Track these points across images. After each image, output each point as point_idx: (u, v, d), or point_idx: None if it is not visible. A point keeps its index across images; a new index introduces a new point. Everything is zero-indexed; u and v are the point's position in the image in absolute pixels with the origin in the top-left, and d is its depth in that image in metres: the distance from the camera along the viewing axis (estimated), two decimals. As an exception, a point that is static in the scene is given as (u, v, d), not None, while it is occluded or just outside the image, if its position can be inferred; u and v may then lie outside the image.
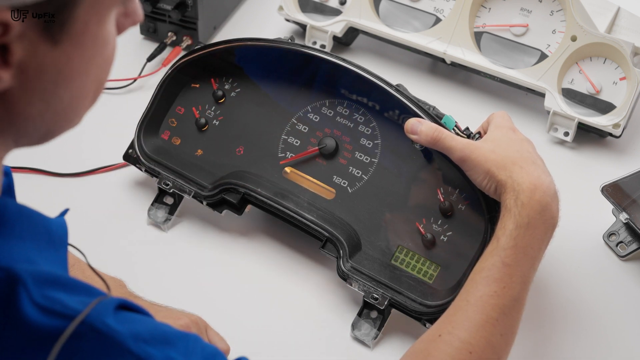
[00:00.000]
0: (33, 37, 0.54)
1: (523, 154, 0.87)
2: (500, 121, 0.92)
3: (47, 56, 0.56)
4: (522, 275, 0.81)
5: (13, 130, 0.60)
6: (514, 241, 0.82)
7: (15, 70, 0.55)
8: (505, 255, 0.81)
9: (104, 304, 0.58)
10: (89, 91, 0.61)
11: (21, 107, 0.58)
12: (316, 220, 0.97)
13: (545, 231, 0.83)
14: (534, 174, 0.85)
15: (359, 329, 0.93)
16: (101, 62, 0.61)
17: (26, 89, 0.57)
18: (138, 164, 1.06)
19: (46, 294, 0.57)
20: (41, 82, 0.57)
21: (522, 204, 0.83)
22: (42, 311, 0.56)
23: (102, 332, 0.57)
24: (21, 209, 0.61)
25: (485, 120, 0.95)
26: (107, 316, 0.57)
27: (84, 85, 0.60)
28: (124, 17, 0.63)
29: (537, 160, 0.88)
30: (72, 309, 0.57)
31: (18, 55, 0.54)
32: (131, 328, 0.58)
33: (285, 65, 1.05)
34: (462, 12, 1.20)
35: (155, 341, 0.59)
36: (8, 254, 0.58)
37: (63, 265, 0.64)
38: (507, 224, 0.83)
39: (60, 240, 0.64)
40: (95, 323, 0.57)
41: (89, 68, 0.60)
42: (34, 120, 0.59)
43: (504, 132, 0.90)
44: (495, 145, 0.88)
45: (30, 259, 0.59)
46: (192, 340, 0.63)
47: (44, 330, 0.56)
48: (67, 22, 0.55)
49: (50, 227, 0.63)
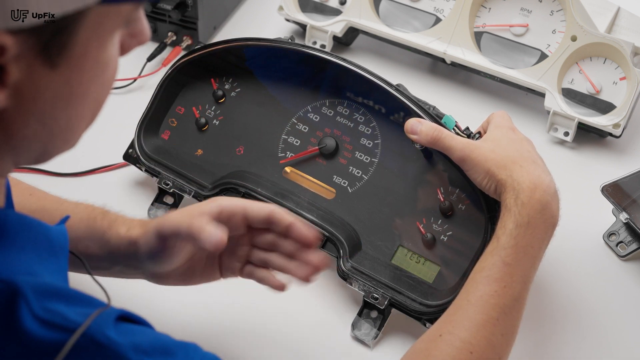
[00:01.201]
0: (30, 59, 0.54)
1: (523, 153, 0.87)
2: (500, 121, 0.92)
3: (44, 78, 0.55)
4: (523, 274, 0.81)
5: (10, 149, 0.59)
6: (514, 240, 0.82)
7: (11, 91, 0.54)
8: (506, 255, 0.81)
9: (105, 316, 0.58)
10: (87, 112, 0.60)
11: (16, 127, 0.57)
12: (316, 220, 0.97)
13: (545, 230, 0.83)
14: (534, 173, 0.85)
15: (359, 328, 0.93)
16: (100, 85, 0.60)
17: (22, 110, 0.56)
18: (138, 164, 1.06)
19: (46, 306, 0.56)
20: (37, 104, 0.56)
21: (522, 203, 0.83)
22: (43, 324, 0.56)
23: (103, 344, 0.57)
24: (22, 219, 0.61)
25: (485, 120, 0.95)
26: (108, 328, 0.57)
27: (82, 107, 0.59)
28: (129, 38, 0.62)
29: (537, 159, 0.88)
30: (72, 322, 0.56)
31: (14, 77, 0.54)
32: (131, 340, 0.58)
33: (285, 65, 1.05)
34: (462, 12, 1.20)
35: (156, 352, 0.59)
36: (9, 265, 0.58)
37: (64, 274, 0.64)
38: (507, 223, 0.83)
39: (61, 249, 0.64)
40: (95, 335, 0.57)
41: (88, 90, 0.59)
42: (30, 141, 0.59)
43: (504, 132, 0.90)
44: (495, 144, 0.88)
45: (31, 270, 0.59)
46: (191, 350, 0.63)
47: (44, 343, 0.56)
48: (66, 45, 0.55)
49: (51, 235, 0.63)
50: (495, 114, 0.94)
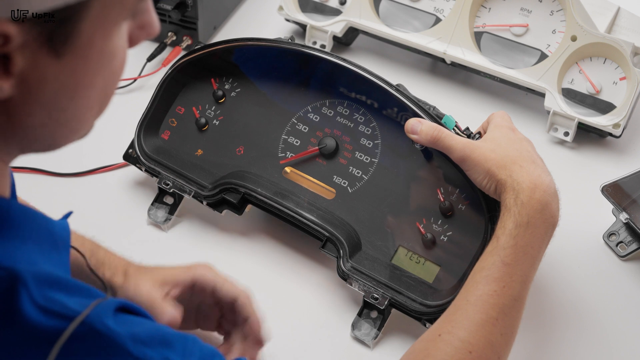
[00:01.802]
0: (35, 48, 0.54)
1: (523, 153, 0.87)
2: (500, 121, 0.92)
3: (49, 68, 0.56)
4: (522, 274, 0.81)
5: (17, 138, 0.59)
6: (514, 240, 0.82)
7: (16, 80, 0.55)
8: (505, 255, 0.81)
9: (104, 306, 0.58)
10: (94, 102, 0.61)
11: (22, 116, 0.58)
12: (316, 220, 0.97)
13: (545, 230, 0.83)
14: (534, 173, 0.85)
15: (359, 328, 0.93)
16: (108, 75, 0.60)
17: (27, 99, 0.56)
18: (138, 164, 1.06)
19: (47, 295, 0.57)
20: (43, 93, 0.57)
21: (522, 203, 0.83)
22: (42, 311, 0.56)
23: (101, 333, 0.57)
24: (25, 211, 0.61)
25: (485, 120, 0.95)
26: (107, 317, 0.58)
27: (89, 97, 0.60)
28: (138, 30, 0.62)
29: (537, 159, 0.88)
30: (72, 310, 0.57)
31: (19, 66, 0.54)
32: (130, 330, 0.58)
33: (285, 65, 1.05)
34: (462, 12, 1.20)
35: (154, 343, 0.60)
36: (11, 254, 0.58)
37: (65, 268, 0.64)
38: (507, 223, 0.83)
39: (63, 243, 0.64)
40: (95, 324, 0.57)
41: (94, 80, 0.59)
42: (36, 130, 0.59)
43: (504, 132, 0.90)
44: (495, 144, 0.88)
45: (32, 260, 0.59)
46: (190, 341, 0.63)
47: (43, 330, 0.56)
48: (71, 35, 0.55)
49: (54, 229, 0.63)
50: (495, 114, 0.94)
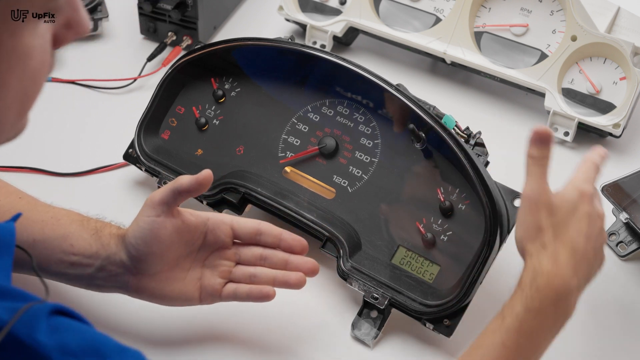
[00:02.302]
0: None
1: (574, 236, 0.77)
2: (584, 187, 0.79)
3: None
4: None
5: None
6: (519, 324, 0.74)
7: None
8: (507, 338, 0.74)
9: (36, 311, 0.55)
10: (12, 103, 0.58)
11: None
12: (316, 220, 0.97)
13: (555, 321, 0.76)
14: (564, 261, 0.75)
15: (359, 328, 0.93)
16: (23, 75, 0.57)
17: None
18: (138, 164, 1.06)
19: None
20: None
21: (537, 288, 0.75)
22: None
23: (25, 344, 0.55)
24: None
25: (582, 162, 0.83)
26: (37, 325, 0.55)
27: (5, 97, 0.57)
28: (64, 29, 0.59)
29: (588, 251, 0.77)
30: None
31: None
32: (60, 340, 0.56)
33: (285, 64, 1.05)
34: (462, 12, 1.20)
35: (85, 354, 0.57)
36: None
37: (6, 272, 0.61)
38: (516, 305, 0.75)
39: (5, 246, 0.62)
40: (19, 335, 0.54)
41: (8, 80, 0.56)
42: None
43: (575, 200, 0.78)
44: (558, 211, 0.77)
45: None
46: (130, 356, 0.60)
47: None
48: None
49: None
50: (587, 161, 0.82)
